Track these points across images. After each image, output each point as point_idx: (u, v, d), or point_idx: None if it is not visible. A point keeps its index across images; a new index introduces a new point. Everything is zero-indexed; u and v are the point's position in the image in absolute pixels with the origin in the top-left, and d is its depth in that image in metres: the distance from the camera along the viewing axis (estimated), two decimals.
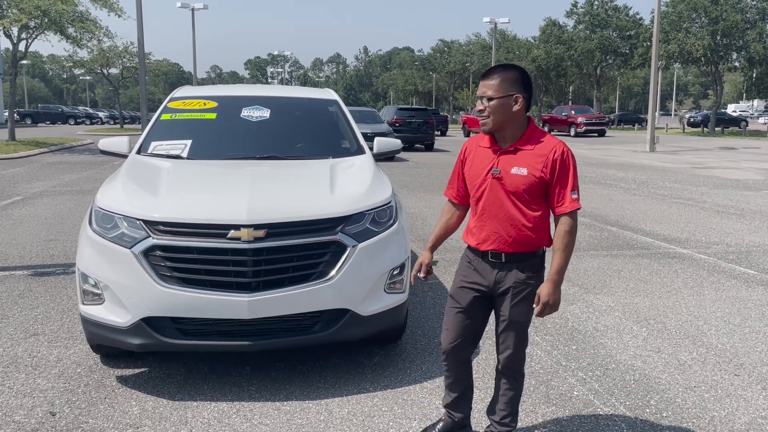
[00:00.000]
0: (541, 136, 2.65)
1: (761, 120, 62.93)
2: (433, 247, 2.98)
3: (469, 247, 2.82)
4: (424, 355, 4.14)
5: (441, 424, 3.07)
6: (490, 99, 2.60)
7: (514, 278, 2.69)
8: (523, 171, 2.60)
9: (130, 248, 3.38)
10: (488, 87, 2.61)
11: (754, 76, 43.82)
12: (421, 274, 2.93)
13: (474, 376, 3.07)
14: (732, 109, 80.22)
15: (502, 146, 2.68)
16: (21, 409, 3.34)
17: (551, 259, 2.63)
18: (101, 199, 3.73)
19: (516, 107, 2.60)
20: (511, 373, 2.84)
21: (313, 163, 4.54)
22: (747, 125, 49.89)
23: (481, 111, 2.65)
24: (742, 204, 11.08)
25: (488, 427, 2.96)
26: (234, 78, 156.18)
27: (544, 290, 2.61)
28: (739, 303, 5.35)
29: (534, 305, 2.66)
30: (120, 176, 4.11)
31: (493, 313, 2.87)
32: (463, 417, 3.04)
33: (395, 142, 5.42)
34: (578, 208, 2.62)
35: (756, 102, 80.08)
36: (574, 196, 2.60)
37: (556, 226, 2.65)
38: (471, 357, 2.95)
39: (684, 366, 4.00)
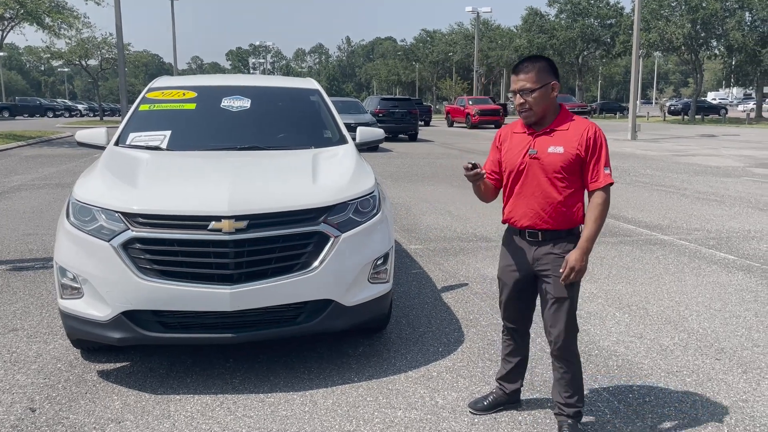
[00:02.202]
0: (572, 118, 2.82)
1: (740, 107, 63.63)
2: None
3: (508, 227, 3.01)
4: (408, 344, 4.14)
5: (492, 397, 3.22)
6: (531, 91, 2.72)
7: (552, 255, 2.82)
8: (560, 149, 2.75)
9: (108, 241, 3.32)
10: (526, 80, 2.73)
11: (733, 64, 44.28)
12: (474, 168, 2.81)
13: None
14: (712, 97, 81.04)
15: (537, 129, 2.82)
16: (0, 406, 3.28)
17: (584, 228, 2.79)
18: (79, 192, 3.66)
19: (554, 93, 2.77)
20: (565, 354, 2.91)
21: (295, 153, 4.50)
22: (726, 113, 50.50)
23: (521, 105, 2.76)
24: (722, 191, 11.20)
25: (555, 408, 3.02)
26: (215, 69, 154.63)
27: (572, 256, 2.74)
28: (719, 288, 5.41)
29: (560, 270, 2.77)
30: (98, 168, 4.04)
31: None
32: (514, 390, 3.20)
33: (378, 132, 5.39)
34: (611, 183, 2.77)
35: (735, 90, 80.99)
36: (607, 172, 2.76)
37: (590, 201, 2.80)
38: (529, 329, 3.16)
39: (666, 351, 4.04)
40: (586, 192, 2.86)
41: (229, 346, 3.96)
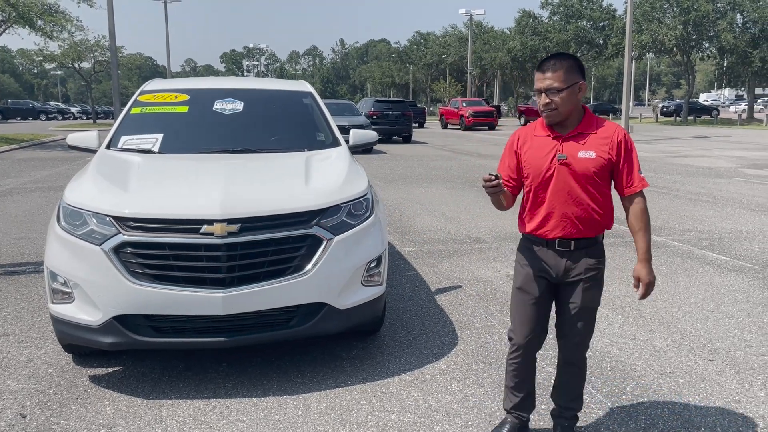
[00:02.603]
0: (599, 121, 2.68)
1: (732, 109, 63.96)
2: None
3: (528, 236, 2.79)
4: (402, 347, 4.13)
5: (508, 426, 2.96)
6: (559, 91, 2.56)
7: (585, 264, 2.70)
8: (591, 154, 2.61)
9: (99, 245, 3.30)
10: (554, 79, 2.57)
11: (725, 65, 44.53)
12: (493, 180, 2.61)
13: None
14: (704, 99, 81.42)
15: (562, 133, 2.66)
16: None
17: (635, 240, 2.68)
18: (69, 196, 3.64)
19: (580, 94, 2.62)
20: (579, 361, 2.85)
21: (287, 156, 4.49)
22: (718, 114, 50.75)
23: (547, 104, 2.59)
24: (715, 191, 11.25)
25: (554, 410, 2.99)
26: (209, 71, 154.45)
27: (643, 271, 2.66)
28: (712, 289, 5.43)
29: (635, 288, 2.70)
30: (89, 172, 4.02)
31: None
32: (529, 414, 3.00)
33: (371, 134, 5.38)
34: (647, 186, 2.68)
35: (727, 91, 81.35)
36: (642, 175, 2.66)
37: (626, 207, 2.68)
38: (537, 352, 2.90)
39: (659, 352, 4.04)
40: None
41: (221, 351, 3.94)
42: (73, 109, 61.45)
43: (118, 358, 3.89)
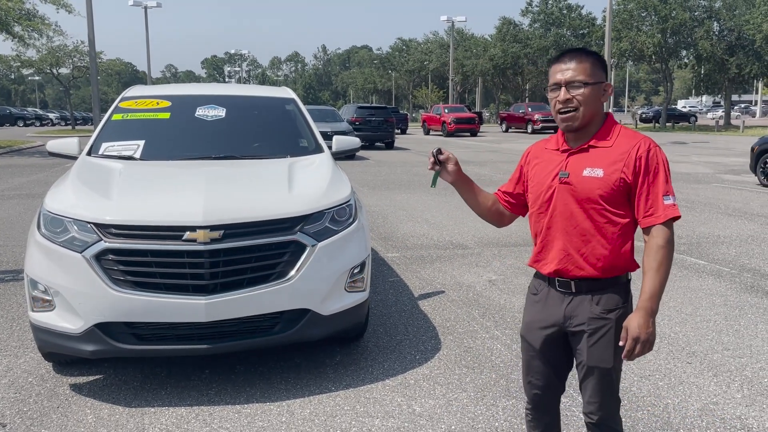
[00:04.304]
0: (621, 132, 2.16)
1: (710, 115, 65.03)
2: (464, 178, 2.37)
3: (535, 274, 2.33)
4: (386, 352, 4.14)
5: None
6: (584, 85, 2.08)
7: (588, 312, 2.15)
8: (599, 172, 2.09)
9: (81, 252, 3.28)
10: (579, 71, 2.08)
11: (702, 72, 45.24)
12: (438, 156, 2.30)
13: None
14: (682, 105, 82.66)
15: (572, 146, 2.18)
16: None
17: (642, 281, 2.08)
18: (50, 203, 3.61)
19: (604, 98, 2.15)
20: (601, 430, 2.28)
21: (270, 162, 4.49)
22: (696, 120, 51.58)
23: (566, 102, 2.10)
24: (693, 196, 11.42)
25: None
26: (190, 77, 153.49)
27: (632, 322, 2.04)
28: (690, 293, 5.51)
29: (621, 342, 2.08)
30: (69, 178, 3.99)
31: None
32: None
33: (354, 141, 5.41)
34: (676, 216, 2.06)
35: (704, 98, 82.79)
36: (668, 202, 2.05)
37: (645, 240, 2.10)
38: (558, 402, 2.45)
39: None
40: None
41: (204, 358, 3.92)
42: (51, 116, 60.75)
43: (100, 366, 3.85)
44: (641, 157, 2.06)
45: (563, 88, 2.10)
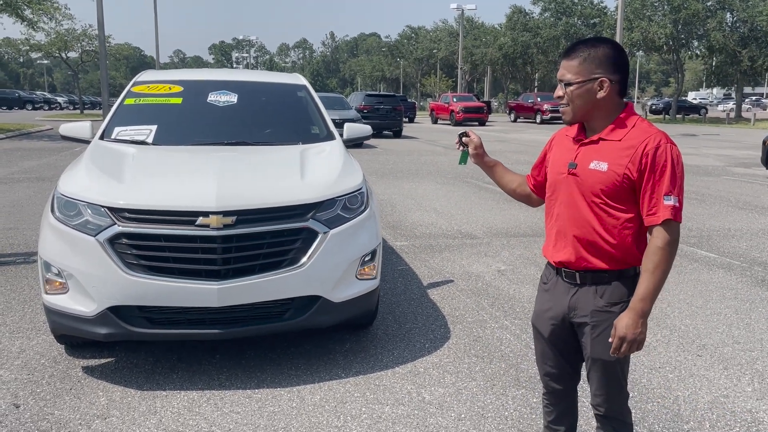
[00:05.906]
0: (636, 124, 2.11)
1: (720, 107, 64.50)
2: (488, 161, 2.55)
3: (547, 263, 2.36)
4: (395, 340, 4.15)
5: None
6: (568, 84, 2.11)
7: (592, 305, 2.16)
8: (603, 166, 2.08)
9: (94, 236, 3.29)
10: (567, 69, 2.12)
11: (713, 64, 44.81)
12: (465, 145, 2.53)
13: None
14: (692, 97, 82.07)
15: (586, 136, 2.19)
16: None
17: (638, 281, 2.08)
18: (64, 186, 3.62)
19: (601, 93, 2.08)
20: (609, 422, 2.29)
21: (282, 149, 4.49)
22: (707, 112, 51.14)
23: (559, 97, 2.17)
24: (703, 189, 11.35)
25: None
26: (198, 62, 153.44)
27: (621, 321, 2.04)
28: (700, 285, 5.50)
29: (609, 339, 2.10)
30: (83, 162, 4.00)
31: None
32: None
33: (365, 128, 5.40)
34: (674, 218, 2.00)
35: (715, 90, 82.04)
36: (669, 203, 2.00)
37: (649, 239, 2.09)
38: (575, 390, 2.46)
39: (648, 347, 4.09)
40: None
41: (215, 342, 3.95)
42: (59, 99, 60.80)
43: (112, 349, 3.88)
44: (648, 153, 2.03)
45: (559, 84, 2.17)
